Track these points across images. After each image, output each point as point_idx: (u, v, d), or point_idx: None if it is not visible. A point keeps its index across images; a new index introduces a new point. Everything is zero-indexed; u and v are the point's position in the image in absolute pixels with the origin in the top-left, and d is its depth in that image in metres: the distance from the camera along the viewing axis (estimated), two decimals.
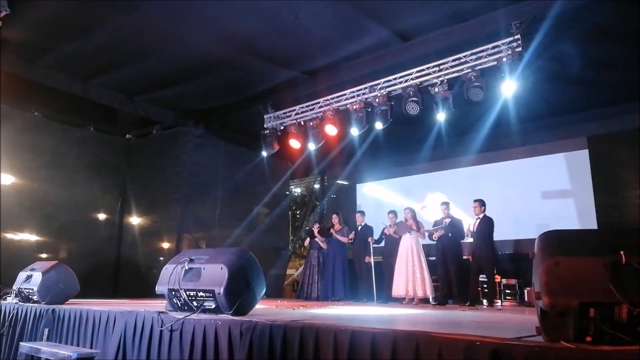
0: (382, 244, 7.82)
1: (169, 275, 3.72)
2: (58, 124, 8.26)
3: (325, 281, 8.16)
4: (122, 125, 9.24)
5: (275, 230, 10.40)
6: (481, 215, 6.98)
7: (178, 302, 3.65)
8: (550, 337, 1.98)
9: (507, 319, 4.04)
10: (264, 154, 8.70)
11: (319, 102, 7.81)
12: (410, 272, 7.04)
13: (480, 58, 6.20)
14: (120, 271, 9.04)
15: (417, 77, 6.77)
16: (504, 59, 5.93)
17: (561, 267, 1.94)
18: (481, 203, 7.06)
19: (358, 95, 7.36)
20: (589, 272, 1.91)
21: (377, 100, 7.10)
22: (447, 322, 3.53)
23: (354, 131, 7.41)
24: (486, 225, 6.89)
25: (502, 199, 8.79)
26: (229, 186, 9.27)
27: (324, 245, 8.40)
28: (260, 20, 5.94)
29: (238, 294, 3.35)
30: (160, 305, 4.07)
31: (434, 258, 7.36)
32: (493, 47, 6.07)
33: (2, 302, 5.27)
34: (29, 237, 7.75)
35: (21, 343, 4.27)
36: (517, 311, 5.66)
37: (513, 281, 7.42)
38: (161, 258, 8.91)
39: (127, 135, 9.51)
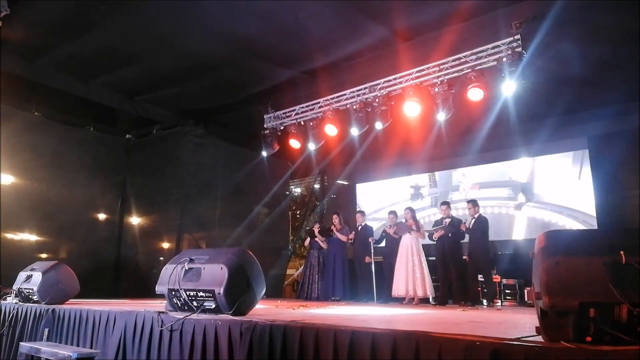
0: (383, 244, 7.83)
1: (169, 275, 3.71)
2: (58, 124, 8.25)
3: (325, 281, 8.16)
4: (122, 125, 9.24)
5: (275, 230, 10.40)
6: (476, 215, 6.99)
7: (178, 302, 3.65)
8: (550, 337, 1.98)
9: (507, 319, 4.04)
10: (264, 154, 8.70)
11: (319, 102, 7.81)
12: (410, 272, 7.05)
13: (480, 58, 6.20)
14: (120, 271, 9.03)
15: (417, 77, 6.77)
16: (504, 59, 5.94)
17: (561, 267, 1.93)
18: (474, 203, 7.08)
19: (358, 95, 7.36)
20: (589, 272, 1.91)
21: (377, 100, 7.10)
22: (447, 322, 3.53)
23: (354, 131, 7.41)
24: (481, 225, 6.91)
25: (502, 198, 8.80)
26: (229, 186, 9.27)
27: (324, 245, 8.40)
28: (260, 20, 5.94)
29: (238, 294, 3.35)
30: (160, 305, 4.07)
31: (434, 258, 7.36)
32: (493, 47, 6.07)
33: (2, 302, 5.27)
34: (29, 237, 7.74)
35: (21, 343, 4.28)
36: (517, 311, 5.66)
37: (513, 281, 7.42)
38: (161, 258, 8.91)
39: (127, 135, 9.50)
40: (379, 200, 10.36)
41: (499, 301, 7.34)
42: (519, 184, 8.74)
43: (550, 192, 8.37)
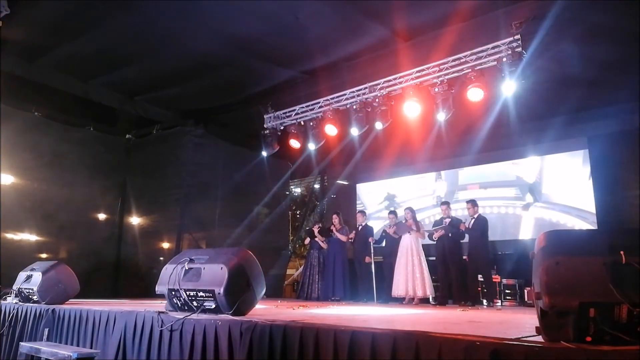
0: (383, 244, 7.83)
1: (169, 275, 3.72)
2: (58, 124, 8.26)
3: (325, 281, 8.16)
4: (122, 125, 9.24)
5: (275, 230, 10.40)
6: (475, 215, 6.99)
7: (178, 302, 3.65)
8: (550, 337, 1.99)
9: (507, 319, 4.04)
10: (264, 154, 8.70)
11: (319, 102, 7.81)
12: (410, 272, 7.05)
13: (480, 58, 6.20)
14: (120, 271, 9.04)
15: (417, 77, 6.77)
16: (504, 59, 5.93)
17: (561, 267, 1.93)
18: (473, 203, 7.08)
19: (358, 95, 7.36)
20: (589, 272, 1.91)
21: (377, 100, 7.10)
22: (447, 322, 3.53)
23: (354, 131, 7.41)
24: (480, 224, 6.91)
25: (502, 199, 8.80)
26: (229, 186, 9.26)
27: (324, 245, 8.39)
28: (260, 20, 5.94)
29: (238, 294, 3.35)
30: (160, 305, 4.07)
31: (434, 258, 7.36)
32: (493, 47, 6.07)
33: (2, 302, 5.27)
34: (29, 237, 7.75)
35: (21, 343, 4.28)
36: (517, 311, 5.66)
37: (513, 281, 7.42)
38: (161, 258, 8.91)
39: (127, 135, 9.51)
40: (387, 198, 10.26)
41: (499, 301, 7.34)
42: (526, 183, 8.64)
43: (559, 192, 8.31)
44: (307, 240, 8.81)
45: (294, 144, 8.31)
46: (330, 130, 7.67)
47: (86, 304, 4.92)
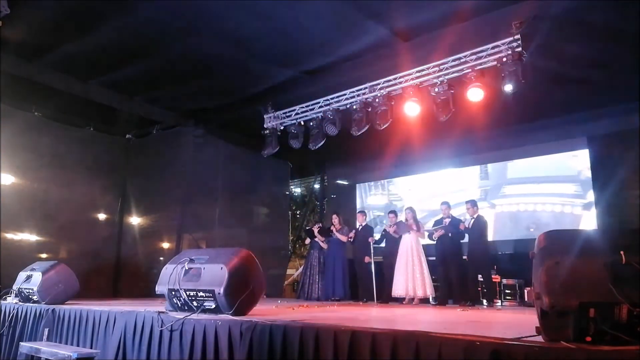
0: (383, 244, 7.83)
1: (169, 275, 3.72)
2: (58, 124, 8.25)
3: (325, 281, 8.16)
4: (122, 125, 9.24)
5: (275, 230, 10.40)
6: (475, 216, 6.99)
7: (178, 302, 3.66)
8: (550, 337, 1.99)
9: (507, 319, 4.04)
10: (264, 154, 8.70)
11: (319, 102, 7.80)
12: (410, 272, 7.05)
13: (480, 58, 6.19)
14: (120, 271, 9.03)
15: (417, 77, 6.77)
16: (504, 59, 5.93)
17: (561, 267, 1.94)
18: (473, 204, 7.08)
19: (358, 95, 7.36)
20: (589, 272, 1.91)
21: (377, 100, 7.10)
22: (447, 322, 3.54)
23: (354, 131, 7.41)
24: (480, 225, 6.91)
25: (502, 198, 8.79)
26: (229, 186, 9.26)
27: (324, 245, 8.39)
28: (259, 20, 5.94)
29: (238, 294, 3.35)
30: (160, 305, 4.08)
31: (434, 258, 7.36)
32: (493, 47, 6.06)
33: (2, 302, 5.28)
34: (29, 237, 7.74)
35: (21, 343, 4.29)
36: (517, 311, 5.66)
37: (513, 281, 7.42)
38: (161, 258, 8.90)
39: (127, 135, 9.50)
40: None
41: (499, 301, 7.34)
42: (518, 183, 8.51)
43: (550, 192, 8.25)
44: (308, 241, 8.81)
45: (294, 144, 8.18)
46: (331, 130, 7.66)
47: (86, 304, 4.91)
